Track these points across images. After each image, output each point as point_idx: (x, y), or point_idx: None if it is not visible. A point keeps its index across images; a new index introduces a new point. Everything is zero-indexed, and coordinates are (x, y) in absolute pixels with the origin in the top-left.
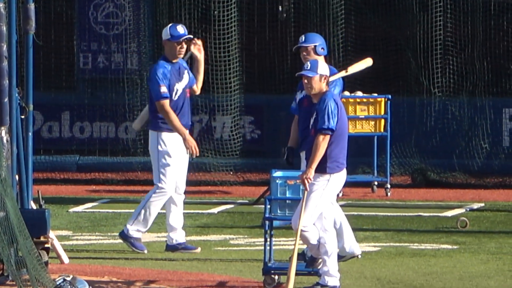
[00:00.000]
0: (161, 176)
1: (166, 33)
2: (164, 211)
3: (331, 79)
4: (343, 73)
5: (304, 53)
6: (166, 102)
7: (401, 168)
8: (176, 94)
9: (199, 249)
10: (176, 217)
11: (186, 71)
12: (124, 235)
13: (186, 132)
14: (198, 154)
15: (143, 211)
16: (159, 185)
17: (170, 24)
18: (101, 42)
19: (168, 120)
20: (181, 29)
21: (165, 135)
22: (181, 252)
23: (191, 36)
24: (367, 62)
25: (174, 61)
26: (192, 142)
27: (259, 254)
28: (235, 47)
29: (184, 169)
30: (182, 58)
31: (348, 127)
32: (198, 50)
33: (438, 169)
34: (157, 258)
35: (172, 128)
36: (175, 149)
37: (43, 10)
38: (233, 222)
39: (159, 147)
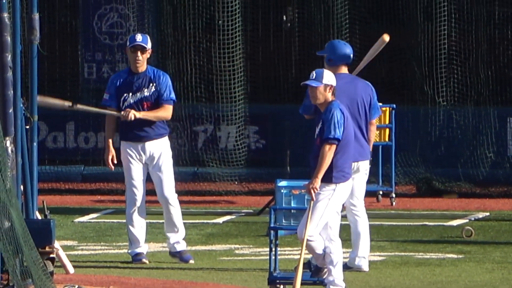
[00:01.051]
0: (126, 186)
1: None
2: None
3: (357, 70)
4: (364, 63)
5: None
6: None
7: (406, 178)
8: (123, 104)
9: (192, 261)
10: (169, 226)
11: (153, 85)
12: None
13: (109, 143)
14: (111, 168)
15: (127, 228)
16: (125, 195)
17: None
18: (106, 52)
19: None
20: (139, 36)
21: (122, 145)
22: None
23: (143, 45)
24: (384, 39)
25: (135, 71)
26: (106, 156)
27: (265, 264)
28: (240, 57)
29: (160, 179)
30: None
31: None
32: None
33: (443, 178)
34: (162, 268)
35: None
36: (132, 158)
37: (48, 20)
38: (238, 232)
39: (122, 157)
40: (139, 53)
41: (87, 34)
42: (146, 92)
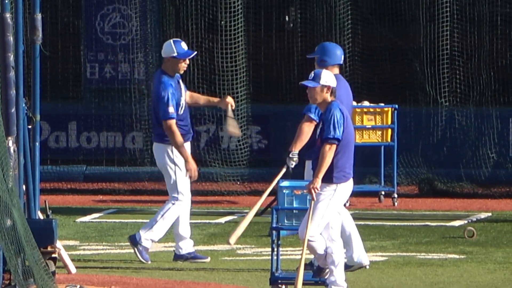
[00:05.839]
0: (179, 187)
1: (170, 50)
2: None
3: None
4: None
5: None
6: (173, 122)
7: (408, 178)
8: (182, 108)
9: (208, 259)
10: (185, 227)
11: (181, 82)
12: (134, 240)
13: (189, 155)
14: (195, 179)
15: (160, 221)
16: (178, 196)
17: (172, 41)
18: (108, 52)
19: (172, 141)
20: (185, 46)
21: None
22: (190, 261)
23: (196, 52)
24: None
25: (173, 76)
26: (193, 166)
27: (266, 264)
28: (242, 57)
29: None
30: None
31: (355, 137)
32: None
33: (445, 179)
34: (164, 268)
35: (176, 149)
36: (182, 160)
37: (50, 21)
38: None
39: (175, 159)
40: (187, 60)
41: (89, 34)
42: (184, 90)
